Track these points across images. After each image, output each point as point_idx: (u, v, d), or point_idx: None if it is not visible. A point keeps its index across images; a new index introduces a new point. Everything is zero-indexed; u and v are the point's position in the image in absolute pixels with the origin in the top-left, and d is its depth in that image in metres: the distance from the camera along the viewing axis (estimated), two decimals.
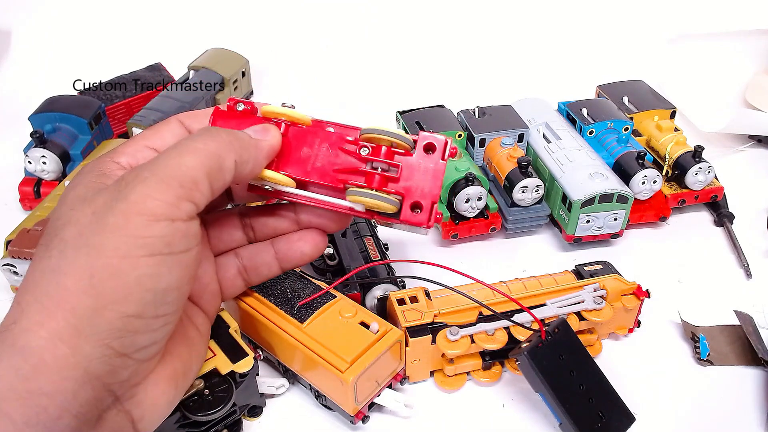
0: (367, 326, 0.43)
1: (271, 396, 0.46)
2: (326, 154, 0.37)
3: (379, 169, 0.36)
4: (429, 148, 0.37)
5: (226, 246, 0.41)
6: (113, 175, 0.33)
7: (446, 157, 0.37)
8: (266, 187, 0.38)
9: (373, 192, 0.36)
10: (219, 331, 0.43)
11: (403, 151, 0.37)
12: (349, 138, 0.37)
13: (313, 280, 0.46)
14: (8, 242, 0.51)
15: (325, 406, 0.45)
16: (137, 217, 0.30)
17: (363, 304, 0.50)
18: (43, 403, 0.28)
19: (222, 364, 0.41)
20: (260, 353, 0.42)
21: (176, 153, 0.32)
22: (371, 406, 0.44)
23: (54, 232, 0.31)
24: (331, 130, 0.38)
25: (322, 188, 0.38)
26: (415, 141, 0.37)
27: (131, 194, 0.30)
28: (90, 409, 0.30)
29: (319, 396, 0.45)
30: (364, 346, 0.41)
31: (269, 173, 0.37)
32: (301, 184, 0.38)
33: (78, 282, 0.29)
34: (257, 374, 0.43)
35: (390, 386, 0.45)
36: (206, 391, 0.39)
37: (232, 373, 0.41)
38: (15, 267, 0.50)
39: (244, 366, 0.41)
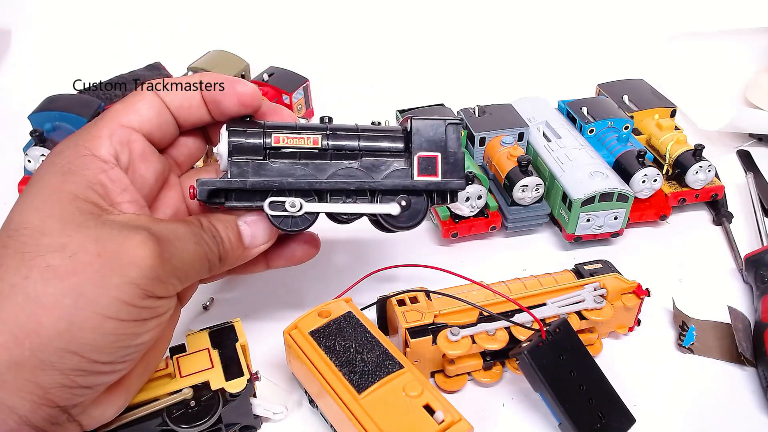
0: (432, 411, 0.37)
1: (268, 420, 0.44)
2: None
3: None
4: None
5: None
6: (98, 184, 0.33)
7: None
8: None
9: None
10: (225, 343, 0.41)
11: None
12: None
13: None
14: None
15: None
16: (133, 288, 0.31)
17: None
18: (2, 416, 0.29)
19: (215, 378, 0.39)
20: (258, 375, 0.40)
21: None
22: None
23: (36, 248, 0.30)
24: None
25: None
26: None
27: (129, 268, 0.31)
28: (44, 424, 0.31)
29: None
30: None
31: None
32: None
33: (55, 323, 0.29)
34: (253, 395, 0.41)
35: None
36: (192, 402, 0.38)
37: (222, 390, 0.39)
38: None
39: (236, 386, 0.39)
